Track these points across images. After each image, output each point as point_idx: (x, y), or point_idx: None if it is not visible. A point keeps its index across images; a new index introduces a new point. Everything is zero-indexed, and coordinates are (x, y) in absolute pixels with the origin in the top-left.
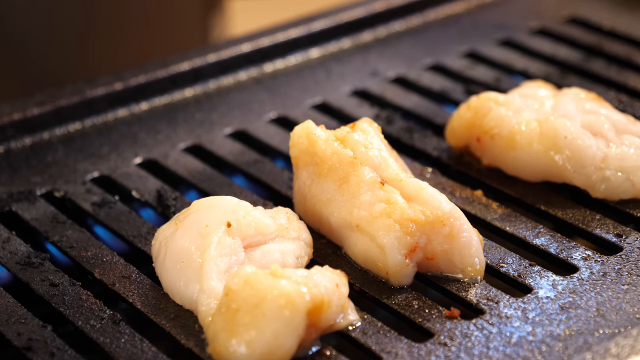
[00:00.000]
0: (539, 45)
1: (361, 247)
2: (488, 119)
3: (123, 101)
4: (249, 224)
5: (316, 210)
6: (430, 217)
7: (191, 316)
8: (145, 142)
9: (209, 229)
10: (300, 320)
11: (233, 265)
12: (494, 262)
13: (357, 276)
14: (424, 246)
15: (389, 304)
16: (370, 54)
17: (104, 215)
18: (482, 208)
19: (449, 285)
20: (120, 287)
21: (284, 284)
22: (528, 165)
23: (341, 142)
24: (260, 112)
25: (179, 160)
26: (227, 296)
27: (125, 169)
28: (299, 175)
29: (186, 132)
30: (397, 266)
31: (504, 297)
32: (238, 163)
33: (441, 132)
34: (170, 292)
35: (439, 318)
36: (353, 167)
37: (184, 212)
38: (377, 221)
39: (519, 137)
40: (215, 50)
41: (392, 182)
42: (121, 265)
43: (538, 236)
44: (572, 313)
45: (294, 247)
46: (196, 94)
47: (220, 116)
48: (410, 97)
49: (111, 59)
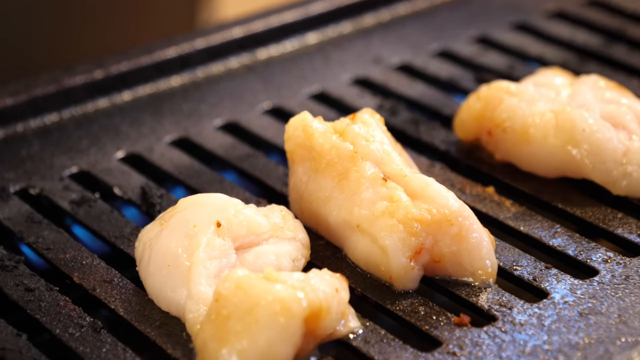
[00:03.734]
0: (555, 30)
1: (362, 249)
2: (499, 110)
3: (104, 90)
4: (240, 224)
5: (313, 209)
6: (437, 216)
7: (178, 324)
8: (128, 134)
9: (197, 229)
10: (296, 328)
11: (223, 268)
12: (507, 265)
13: (358, 280)
14: (431, 248)
15: (393, 310)
16: (372, 39)
17: (83, 214)
18: (494, 206)
19: (458, 290)
20: (101, 292)
21: (279, 288)
22: (543, 160)
23: (340, 134)
24: (253, 103)
25: (165, 154)
26: (218, 302)
27: (106, 164)
28: (295, 171)
29: (172, 124)
30: (401, 269)
31: (517, 303)
32: (229, 157)
33: (449, 124)
34: (155, 298)
35: (448, 325)
36: (353, 162)
37: (170, 210)
38: (379, 221)
39: (533, 130)
40: (204, 35)
41: (395, 178)
42: (102, 269)
43: (555, 236)
44: (592, 320)
45: (289, 248)
46: (183, 83)
47: (210, 107)
48: (415, 86)
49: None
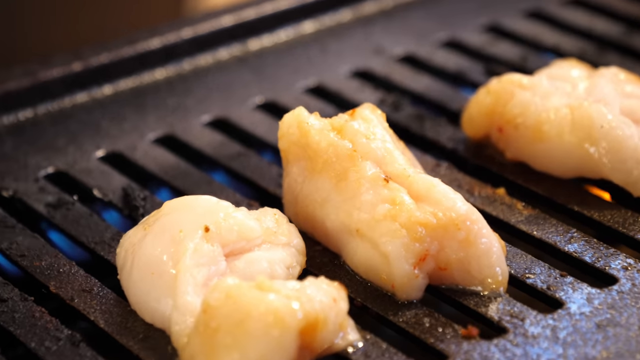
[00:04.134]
0: (572, 17)
1: (362, 256)
2: (511, 105)
3: (83, 84)
4: (230, 228)
5: (309, 212)
6: (443, 220)
7: (163, 336)
8: (108, 132)
9: (183, 235)
10: (291, 341)
11: (212, 276)
12: (519, 273)
13: (357, 289)
14: (436, 254)
15: (396, 321)
16: (373, 27)
17: (60, 218)
18: (504, 209)
19: (465, 300)
20: (80, 303)
21: (272, 298)
22: (558, 159)
23: (338, 132)
24: (244, 97)
25: (149, 153)
26: (206, 313)
27: (85, 163)
28: (290, 171)
29: (157, 120)
30: (404, 278)
31: (530, 314)
32: (218, 156)
33: (457, 120)
34: (138, 309)
35: (454, 338)
36: (352, 161)
37: (154, 214)
38: (380, 225)
39: (547, 127)
40: (191, 24)
41: (398, 179)
42: (81, 277)
43: (571, 242)
44: (611, 332)
45: (283, 255)
46: (169, 76)
47: (197, 101)
48: (420, 79)
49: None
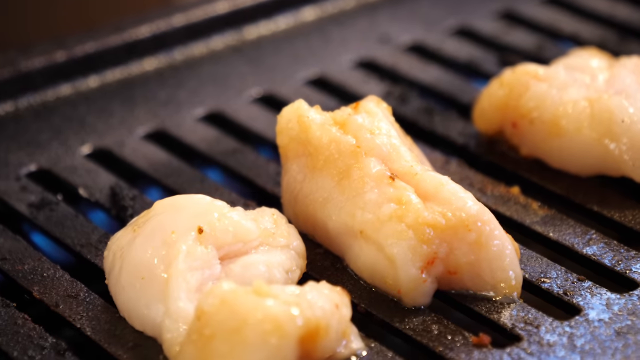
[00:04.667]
0: (592, 3)
1: (366, 259)
2: (526, 98)
3: (67, 75)
4: (225, 229)
5: (310, 213)
6: (453, 221)
7: (154, 345)
8: (95, 127)
9: (175, 236)
10: (290, 349)
11: (206, 281)
12: (534, 277)
13: (361, 294)
14: (445, 257)
15: (402, 329)
16: (379, 14)
17: (43, 219)
18: (519, 209)
19: (477, 306)
20: (65, 309)
21: (270, 304)
22: (576, 155)
23: (341, 126)
24: (241, 89)
25: (138, 149)
26: (200, 320)
27: (70, 161)
28: (289, 168)
29: (146, 114)
30: (411, 282)
31: (545, 320)
32: (212, 153)
33: (468, 113)
34: (127, 316)
35: (465, 346)
36: (356, 158)
37: (144, 215)
38: (385, 226)
39: (564, 122)
40: (182, 11)
41: (404, 177)
42: (66, 282)
43: (589, 244)
44: (631, 339)
45: (282, 257)
46: (159, 66)
47: (190, 94)
48: (429, 70)
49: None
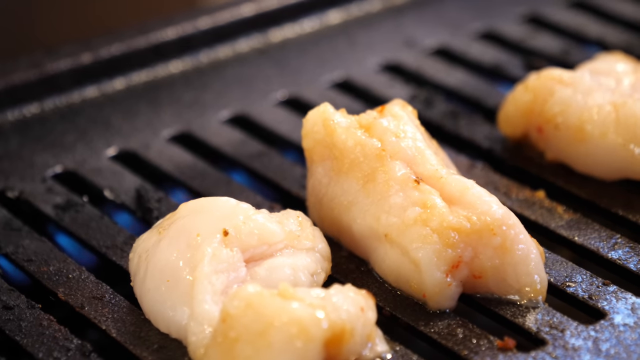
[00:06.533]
0: (619, 7)
1: (391, 262)
2: (551, 103)
3: (93, 77)
4: (250, 232)
5: (335, 216)
6: (478, 225)
7: (179, 347)
8: (120, 129)
9: (200, 239)
10: (315, 352)
11: (232, 283)
12: (559, 281)
13: (386, 298)
14: (470, 261)
15: (427, 332)
16: (404, 18)
17: (69, 220)
18: (544, 213)
19: (501, 310)
20: (90, 311)
21: (296, 307)
22: (602, 160)
23: (366, 130)
24: (266, 92)
25: (164, 151)
26: (225, 322)
27: (95, 162)
28: (314, 171)
29: (172, 116)
30: (436, 286)
31: (570, 324)
32: (237, 155)
33: (493, 117)
34: (153, 318)
35: (490, 350)
36: (381, 161)
37: (170, 217)
38: (410, 230)
39: (590, 127)
40: (208, 13)
41: (429, 181)
42: (91, 284)
43: (614, 248)
44: None
45: (307, 260)
46: (185, 69)
47: (215, 96)
48: (454, 73)
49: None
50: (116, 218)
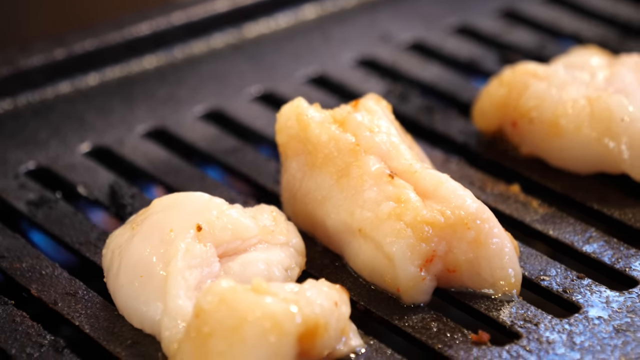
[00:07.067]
0: (593, 1)
1: (365, 257)
2: (526, 97)
3: (66, 73)
4: (224, 227)
5: (309, 210)
6: (452, 219)
7: (153, 342)
8: (94, 124)
9: (174, 234)
10: (289, 347)
11: (205, 279)
12: (533, 274)
13: (361, 292)
14: (444, 255)
15: (401, 326)
16: (379, 12)
17: (42, 217)
18: (519, 207)
19: (476, 304)
20: (63, 307)
21: (269, 302)
22: (576, 154)
23: (340, 124)
24: (240, 87)
25: (138, 147)
26: (198, 318)
27: (69, 158)
28: (288, 166)
29: (146, 112)
30: (410, 280)
31: (545, 318)
32: (212, 151)
33: (468, 112)
34: (126, 313)
35: (464, 344)
36: (355, 156)
37: (143, 212)
38: (384, 224)
39: (564, 121)
40: (182, 8)
41: (404, 175)
42: (65, 280)
43: (589, 242)
44: (630, 337)
45: (281, 255)
46: (159, 64)
47: (190, 92)
48: (429, 68)
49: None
50: (90, 214)
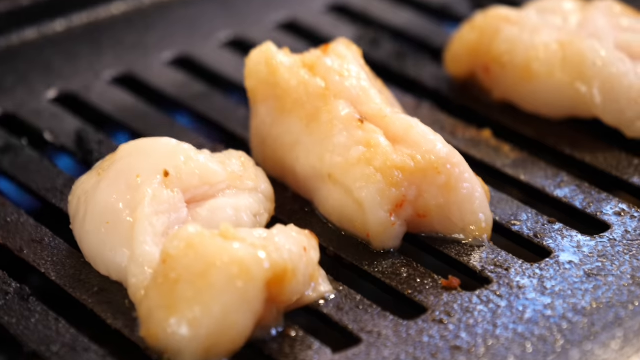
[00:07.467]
0: None
1: (335, 202)
2: (498, 42)
3: (32, 19)
4: (191, 172)
5: (278, 156)
6: (422, 163)
7: (120, 289)
8: (61, 71)
9: (140, 180)
10: (257, 292)
11: (172, 225)
12: (504, 219)
13: (330, 238)
14: (414, 200)
15: (371, 272)
16: None
17: (8, 164)
18: (490, 152)
19: (446, 249)
20: (29, 254)
21: (237, 247)
22: (548, 99)
23: (310, 69)
24: (210, 32)
25: (105, 93)
26: (165, 264)
27: (35, 105)
28: (258, 112)
29: (114, 58)
30: (379, 225)
31: (515, 263)
32: (180, 97)
33: (440, 57)
34: (93, 260)
35: (434, 289)
36: (324, 100)
37: (109, 158)
38: (354, 169)
39: (536, 65)
40: None
41: (373, 120)
42: (30, 227)
43: (560, 186)
44: (601, 281)
45: (250, 201)
46: (126, 10)
47: (158, 38)
48: (401, 13)
49: None
50: (56, 161)
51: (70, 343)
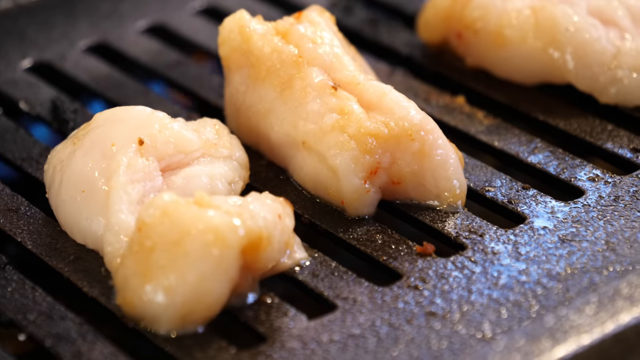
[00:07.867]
0: None
1: (309, 169)
2: (470, 8)
3: None
4: (166, 140)
5: (252, 124)
6: (396, 130)
7: (96, 258)
8: (36, 40)
9: (115, 149)
10: (232, 260)
11: (148, 193)
12: (478, 186)
13: (305, 205)
14: (388, 167)
15: (346, 239)
16: None
17: None
18: (464, 118)
19: (420, 215)
20: (5, 223)
21: (212, 215)
22: (521, 65)
23: (283, 36)
24: (184, 1)
25: (80, 62)
26: (141, 232)
27: (10, 74)
28: (231, 79)
29: (88, 26)
30: (354, 192)
31: (490, 229)
32: (155, 65)
33: (413, 24)
34: (68, 229)
35: (409, 255)
36: (298, 68)
37: (84, 127)
38: (328, 137)
39: (509, 31)
40: None
41: (347, 87)
42: (6, 196)
43: (534, 152)
44: (575, 247)
45: (225, 169)
46: None
47: (133, 6)
48: None
49: None
50: (32, 130)
51: (47, 311)
